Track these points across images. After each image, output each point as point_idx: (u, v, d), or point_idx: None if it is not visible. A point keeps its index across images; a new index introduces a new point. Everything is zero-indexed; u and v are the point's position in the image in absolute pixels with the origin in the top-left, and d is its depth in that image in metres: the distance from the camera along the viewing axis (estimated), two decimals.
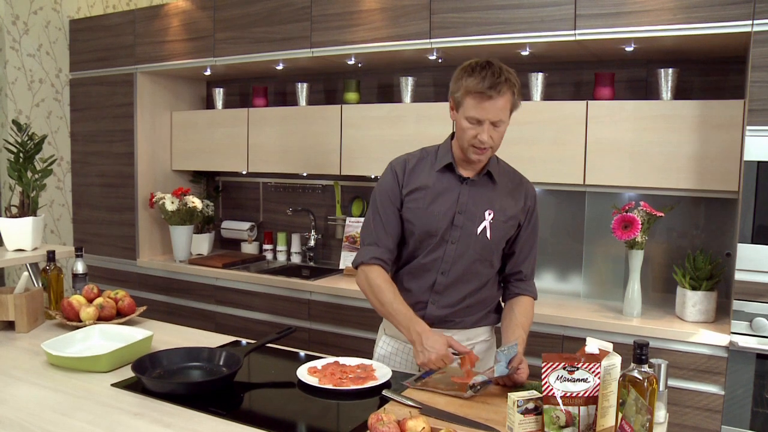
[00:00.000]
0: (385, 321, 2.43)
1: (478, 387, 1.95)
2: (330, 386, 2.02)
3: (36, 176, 3.15)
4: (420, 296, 2.28)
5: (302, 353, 2.46)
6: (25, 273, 2.87)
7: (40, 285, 3.03)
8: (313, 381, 2.06)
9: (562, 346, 3.15)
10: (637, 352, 1.55)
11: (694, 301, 3.05)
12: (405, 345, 2.36)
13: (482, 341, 2.36)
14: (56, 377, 2.15)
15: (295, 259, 4.59)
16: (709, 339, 2.86)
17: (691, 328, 2.96)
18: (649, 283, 3.44)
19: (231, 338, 2.63)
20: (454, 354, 2.06)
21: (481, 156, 2.15)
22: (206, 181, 5.00)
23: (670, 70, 3.19)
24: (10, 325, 2.69)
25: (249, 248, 4.78)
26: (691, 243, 3.39)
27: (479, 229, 2.20)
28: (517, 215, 2.26)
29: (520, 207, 2.26)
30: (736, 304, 2.82)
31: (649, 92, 3.45)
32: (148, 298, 4.47)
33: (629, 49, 3.18)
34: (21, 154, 3.10)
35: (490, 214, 2.20)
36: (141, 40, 4.52)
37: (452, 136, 2.30)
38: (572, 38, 3.12)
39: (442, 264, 2.23)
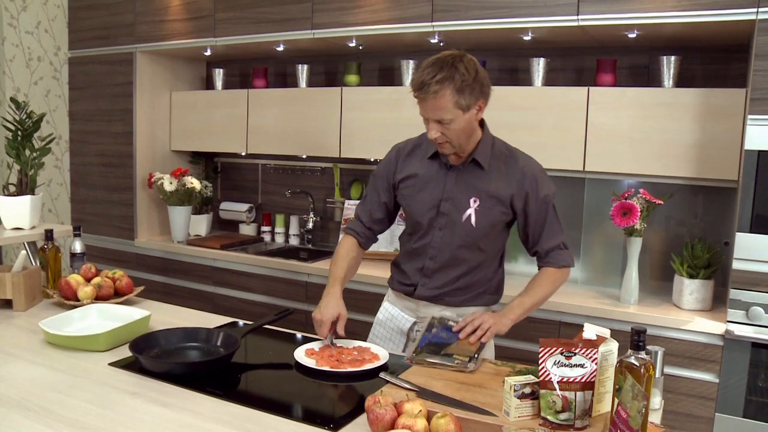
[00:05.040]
0: (389, 290, 2.57)
1: (476, 356, 2.04)
2: (327, 368, 2.03)
3: (34, 155, 3.13)
4: (412, 278, 2.38)
5: (299, 335, 2.46)
6: (23, 251, 2.86)
7: (38, 264, 3.03)
8: (310, 363, 2.06)
9: (559, 331, 3.16)
10: (635, 338, 1.55)
11: (691, 290, 3.05)
12: (399, 312, 2.47)
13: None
14: (54, 356, 2.15)
15: (294, 242, 4.59)
16: (705, 327, 2.87)
17: (688, 316, 2.96)
18: (646, 270, 3.44)
19: (228, 319, 2.64)
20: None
21: (444, 150, 2.19)
22: (205, 161, 4.98)
23: (673, 58, 3.17)
24: (7, 304, 2.69)
25: (247, 230, 4.78)
26: (689, 231, 3.39)
27: (464, 217, 2.24)
28: (510, 199, 2.25)
29: (514, 191, 2.25)
30: (733, 293, 2.82)
31: (651, 79, 3.44)
32: (146, 279, 4.47)
33: (632, 35, 3.16)
34: (19, 133, 3.09)
35: (475, 202, 2.24)
36: (141, 18, 4.49)
37: None
38: (575, 24, 3.10)
39: (430, 250, 2.31)
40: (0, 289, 2.66)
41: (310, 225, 4.49)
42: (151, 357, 2.08)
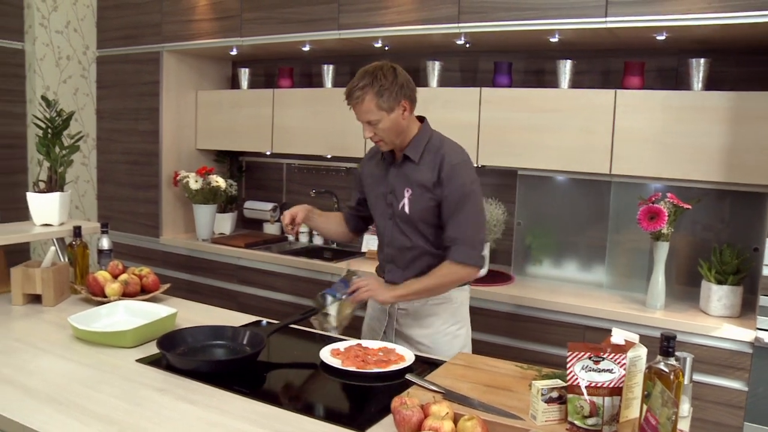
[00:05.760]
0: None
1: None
2: (353, 368, 2.03)
3: (63, 152, 3.16)
4: (382, 264, 2.68)
5: (320, 335, 2.47)
6: (52, 248, 2.90)
7: (66, 260, 3.06)
8: (336, 363, 2.07)
9: (583, 336, 3.13)
10: (664, 344, 1.54)
11: (719, 296, 3.02)
12: (373, 308, 2.73)
13: (446, 300, 2.56)
14: (82, 351, 2.18)
15: (317, 241, 4.60)
16: (734, 334, 2.83)
17: (715, 322, 2.93)
18: (672, 275, 3.40)
19: (252, 318, 2.65)
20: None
21: (381, 147, 2.50)
22: (230, 160, 5.01)
23: (702, 60, 3.14)
24: (37, 299, 2.73)
25: (271, 229, 4.80)
26: (716, 236, 3.35)
27: (401, 206, 2.49)
28: (434, 188, 2.43)
29: (435, 179, 2.42)
30: (763, 300, 2.78)
31: (680, 82, 3.40)
32: (171, 276, 4.51)
33: (661, 37, 3.13)
34: (49, 130, 3.12)
35: (408, 191, 2.48)
36: (168, 18, 4.53)
37: None
38: (603, 26, 3.07)
39: (386, 238, 2.60)
40: (30, 285, 2.70)
41: None
42: (178, 354, 2.10)
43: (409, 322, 2.56)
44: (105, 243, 3.08)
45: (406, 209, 2.47)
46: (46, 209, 3.14)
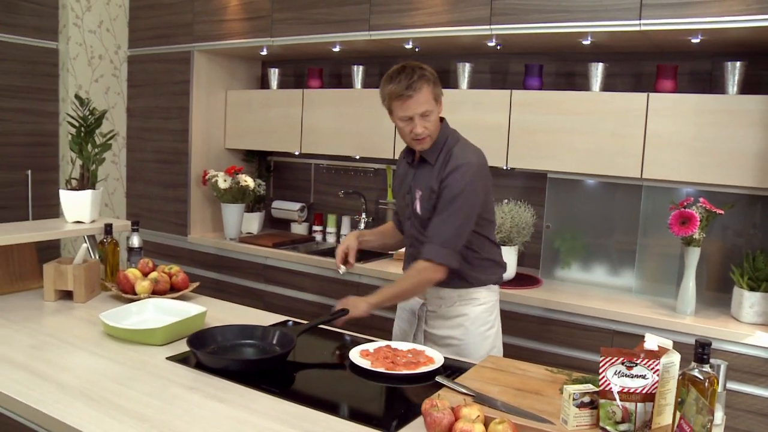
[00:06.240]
0: None
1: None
2: (382, 369, 2.03)
3: (96, 150, 3.20)
4: (407, 263, 2.65)
5: (348, 336, 2.49)
6: (84, 245, 2.93)
7: (97, 257, 3.09)
8: (365, 364, 2.07)
9: (612, 341, 3.10)
10: (699, 351, 1.52)
11: (751, 302, 2.97)
12: (403, 310, 2.76)
13: (473, 299, 2.56)
14: (113, 348, 2.20)
15: None
16: (766, 341, 2.79)
17: (748, 329, 2.89)
18: (703, 281, 3.35)
19: (280, 317, 2.66)
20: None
21: (423, 145, 2.48)
22: (258, 160, 5.04)
23: (738, 63, 3.10)
24: (68, 295, 2.76)
25: (299, 229, 4.81)
26: (748, 242, 3.30)
27: (414, 206, 2.55)
28: (438, 187, 2.46)
29: (440, 179, 2.45)
30: None
31: (714, 86, 3.36)
32: (198, 275, 4.54)
33: (695, 40, 3.09)
34: (82, 129, 3.16)
35: (418, 192, 2.52)
36: (199, 18, 4.56)
37: None
38: (637, 28, 3.04)
39: (407, 238, 2.66)
40: (62, 281, 2.73)
41: (362, 226, 4.50)
42: (208, 353, 2.11)
43: (438, 324, 2.57)
44: (135, 241, 3.11)
45: (418, 210, 2.52)
46: (78, 207, 3.18)
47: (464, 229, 2.42)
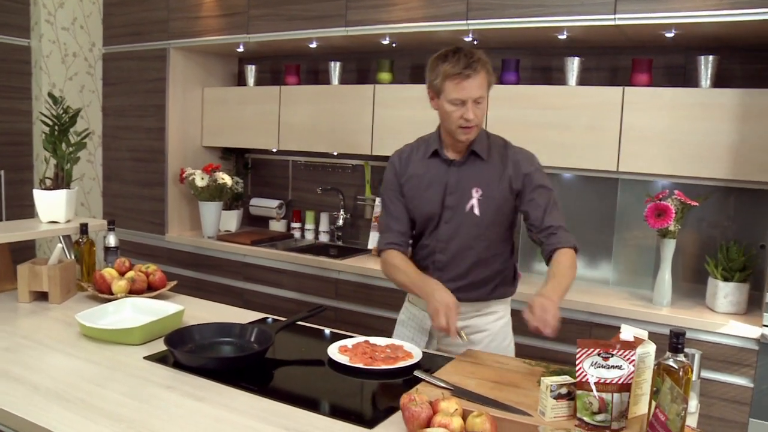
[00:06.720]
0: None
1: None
2: (361, 365, 2.03)
3: (70, 149, 3.16)
4: (426, 274, 2.37)
5: (328, 331, 2.48)
6: (59, 245, 2.90)
7: (73, 257, 3.06)
8: (343, 359, 2.07)
9: (590, 332, 3.13)
10: (673, 341, 1.54)
11: (725, 293, 3.01)
12: (421, 311, 2.47)
13: (490, 313, 2.44)
14: (89, 348, 2.18)
15: (323, 238, 4.60)
16: (740, 331, 2.83)
17: (722, 319, 2.93)
18: (679, 272, 3.39)
19: (259, 315, 2.65)
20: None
21: (469, 134, 2.27)
22: (236, 157, 5.01)
23: (711, 58, 3.13)
24: (43, 296, 2.73)
25: (277, 226, 4.80)
26: (722, 233, 3.34)
27: (468, 207, 2.32)
28: (508, 186, 2.31)
29: (510, 177, 2.31)
30: None
31: (688, 79, 3.39)
32: (176, 273, 4.51)
33: (669, 35, 3.12)
34: (56, 127, 3.12)
35: (477, 192, 2.32)
36: (174, 15, 4.53)
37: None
38: (612, 23, 3.06)
39: (439, 243, 2.38)
40: (36, 282, 2.70)
41: (341, 222, 4.50)
42: (185, 351, 2.10)
43: (453, 341, 2.32)
44: (112, 240, 3.08)
45: (476, 210, 2.31)
46: (52, 206, 3.14)
47: None
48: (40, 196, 3.15)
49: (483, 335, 2.42)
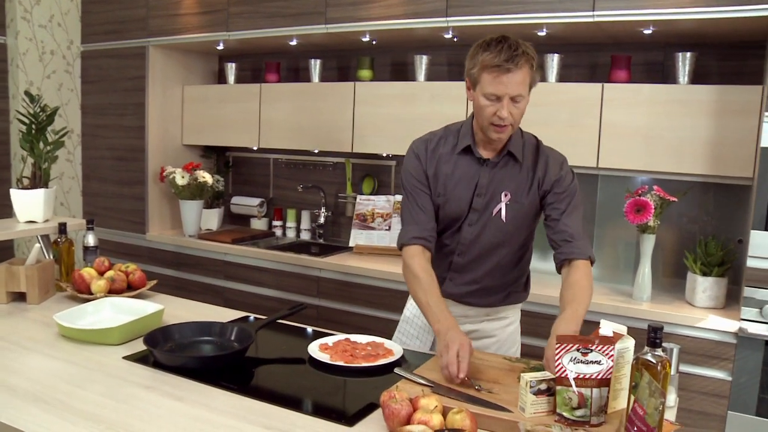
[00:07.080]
0: None
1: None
2: (341, 363, 2.03)
3: (48, 148, 3.14)
4: (440, 273, 2.26)
5: (310, 329, 2.47)
6: (37, 245, 2.87)
7: (51, 257, 3.04)
8: (324, 357, 2.06)
9: None
10: (651, 335, 1.55)
11: (704, 287, 3.04)
12: (410, 325, 2.42)
13: (500, 318, 2.38)
14: (68, 349, 2.16)
15: (305, 236, 4.59)
16: (719, 325, 2.86)
17: (701, 313, 2.95)
18: (659, 267, 3.42)
19: (240, 313, 2.64)
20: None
21: (501, 134, 2.08)
22: (217, 156, 4.99)
23: (688, 54, 3.15)
24: (21, 297, 2.70)
25: (258, 224, 4.78)
26: (701, 229, 3.37)
27: (495, 211, 2.17)
28: (537, 190, 2.18)
29: (539, 179, 2.18)
30: (747, 291, 2.81)
31: (666, 76, 3.42)
32: (157, 272, 4.48)
33: (647, 32, 3.14)
34: (33, 126, 3.09)
35: (506, 196, 2.17)
36: (154, 12, 4.49)
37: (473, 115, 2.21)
38: (590, 20, 3.08)
39: (459, 246, 2.24)
40: (14, 282, 2.67)
41: (322, 220, 4.49)
42: (165, 351, 2.08)
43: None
44: (91, 240, 3.05)
45: (502, 215, 2.18)
46: (30, 206, 3.12)
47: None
48: (17, 196, 3.12)
49: (491, 341, 2.36)
